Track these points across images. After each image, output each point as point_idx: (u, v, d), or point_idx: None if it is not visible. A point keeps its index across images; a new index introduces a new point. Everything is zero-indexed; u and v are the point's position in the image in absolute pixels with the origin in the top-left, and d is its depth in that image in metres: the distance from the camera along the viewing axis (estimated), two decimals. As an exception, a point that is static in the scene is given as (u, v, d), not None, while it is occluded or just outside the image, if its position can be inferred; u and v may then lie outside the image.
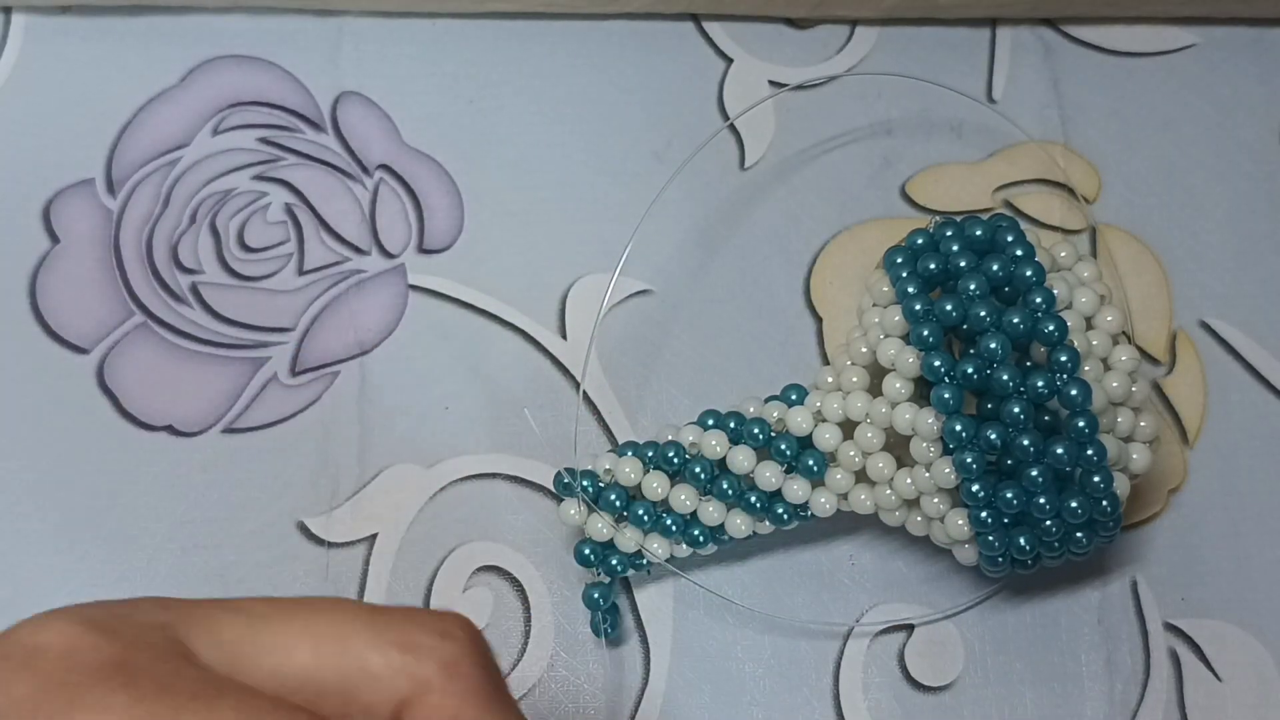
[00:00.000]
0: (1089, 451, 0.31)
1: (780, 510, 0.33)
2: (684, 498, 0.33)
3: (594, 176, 0.40)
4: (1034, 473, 0.30)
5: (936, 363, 0.31)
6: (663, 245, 0.39)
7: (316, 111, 0.40)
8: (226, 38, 0.40)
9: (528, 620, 0.35)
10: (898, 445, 0.33)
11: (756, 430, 0.33)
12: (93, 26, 0.40)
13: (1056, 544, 0.32)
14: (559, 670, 0.35)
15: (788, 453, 0.33)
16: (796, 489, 0.33)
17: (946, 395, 0.31)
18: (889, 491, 0.33)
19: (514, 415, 0.37)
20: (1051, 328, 0.31)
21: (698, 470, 0.33)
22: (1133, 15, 0.42)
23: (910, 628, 0.36)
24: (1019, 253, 0.32)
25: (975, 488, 0.31)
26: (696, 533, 0.34)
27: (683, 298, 0.39)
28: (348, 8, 0.41)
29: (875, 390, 0.33)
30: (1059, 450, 0.30)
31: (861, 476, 0.33)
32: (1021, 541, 0.31)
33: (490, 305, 0.38)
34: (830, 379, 0.34)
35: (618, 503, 0.33)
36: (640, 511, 0.33)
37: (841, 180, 0.40)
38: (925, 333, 0.31)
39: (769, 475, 0.33)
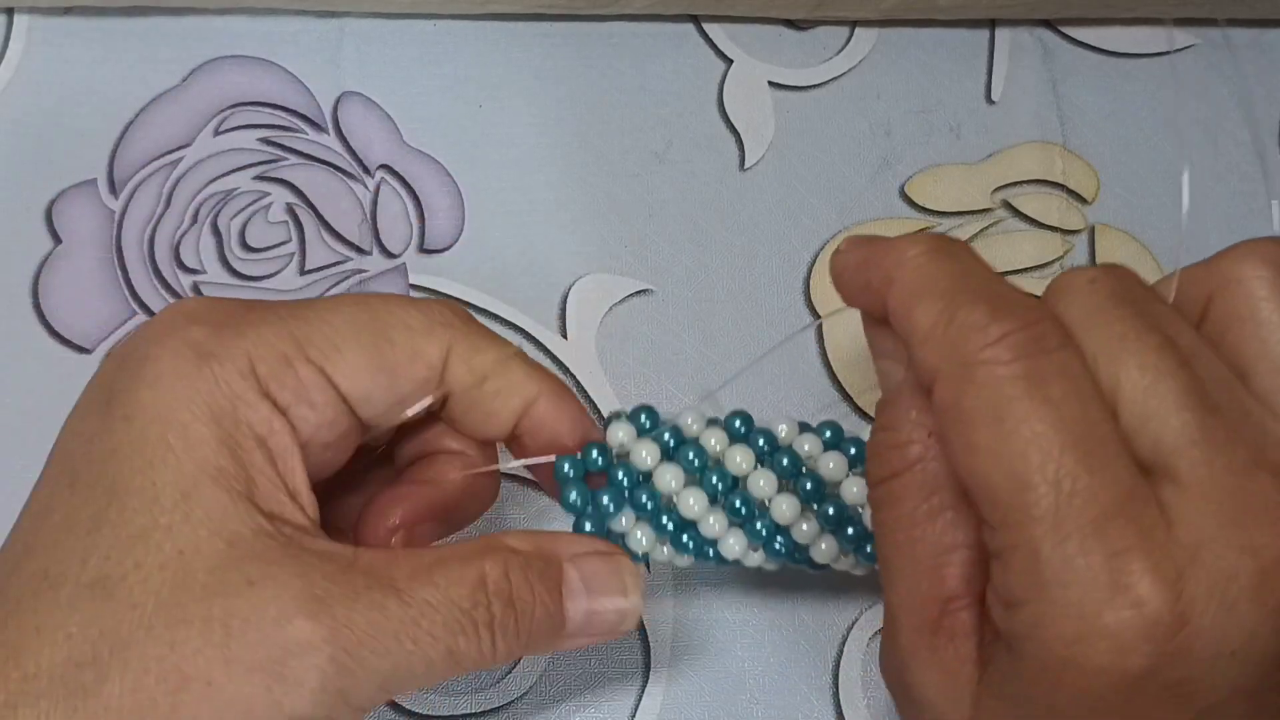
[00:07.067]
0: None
1: (780, 545, 0.31)
2: (692, 502, 0.30)
3: (594, 176, 0.40)
4: None
5: None
6: (663, 245, 0.39)
7: (318, 112, 0.40)
8: (228, 38, 0.40)
9: (528, 619, 0.36)
10: None
11: (786, 461, 0.31)
12: (95, 27, 0.40)
13: None
14: (560, 668, 0.35)
15: (813, 492, 0.31)
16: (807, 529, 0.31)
17: None
18: None
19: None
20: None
21: (714, 480, 0.30)
22: (1131, 16, 0.42)
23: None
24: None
25: None
26: (686, 539, 0.31)
27: (683, 297, 0.39)
28: (349, 9, 0.41)
29: None
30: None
31: None
32: None
33: (491, 305, 0.38)
34: None
35: (625, 481, 0.30)
36: (644, 498, 0.30)
37: (841, 180, 0.40)
38: None
39: (785, 508, 0.30)
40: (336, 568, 0.25)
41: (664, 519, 0.31)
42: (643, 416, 0.31)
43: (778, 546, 0.31)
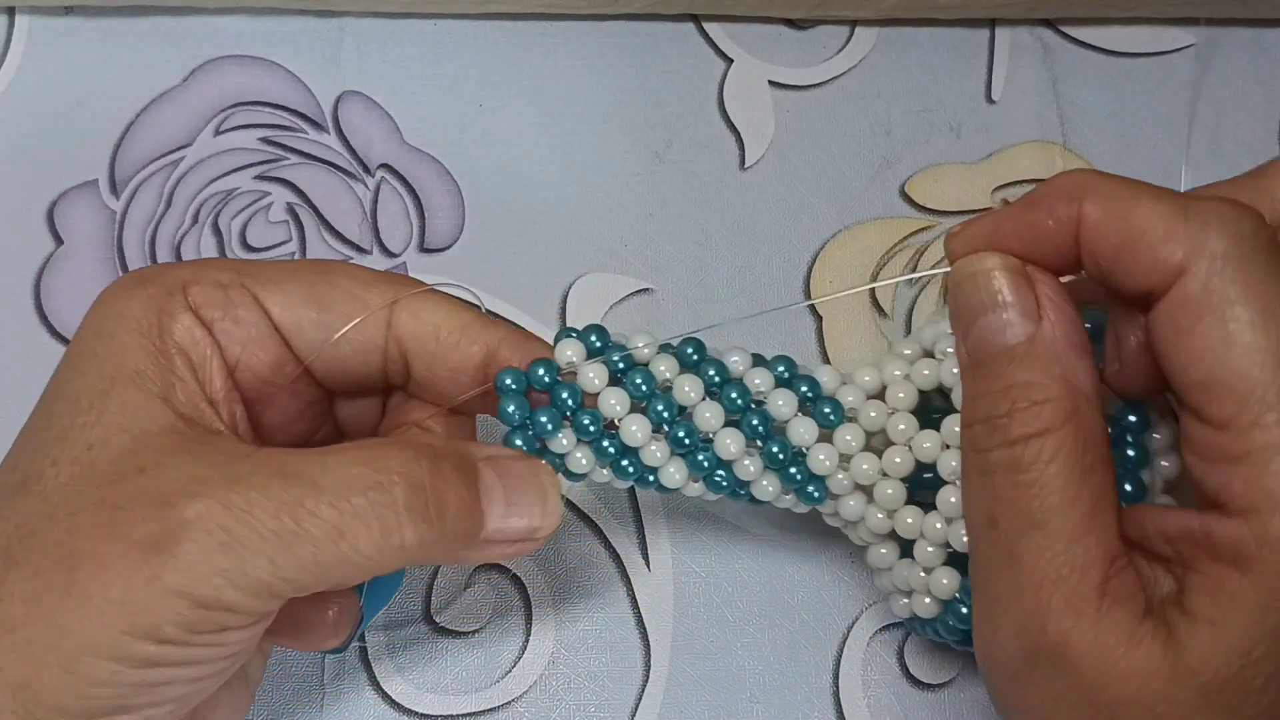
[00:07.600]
0: None
1: (722, 479, 0.30)
2: (635, 429, 0.29)
3: (594, 176, 0.40)
4: None
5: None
6: (663, 245, 0.39)
7: (318, 111, 0.40)
8: (228, 38, 0.41)
9: (528, 619, 0.36)
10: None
11: (735, 395, 0.30)
12: (95, 28, 0.41)
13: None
14: (560, 668, 0.35)
15: (760, 430, 0.30)
16: (749, 466, 0.30)
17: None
18: (880, 514, 0.31)
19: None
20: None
21: (660, 408, 0.29)
22: (1131, 16, 0.42)
23: (909, 626, 0.36)
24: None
25: None
26: (627, 464, 0.30)
27: (683, 297, 0.39)
28: (349, 8, 0.41)
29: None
30: None
31: (860, 486, 0.31)
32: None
33: (491, 304, 0.38)
34: (868, 378, 0.31)
35: (570, 401, 0.29)
36: (586, 421, 0.29)
37: (841, 180, 0.40)
38: None
39: (729, 443, 0.29)
40: (229, 458, 0.25)
41: (605, 443, 0.29)
42: (593, 337, 0.30)
43: (719, 480, 0.30)
